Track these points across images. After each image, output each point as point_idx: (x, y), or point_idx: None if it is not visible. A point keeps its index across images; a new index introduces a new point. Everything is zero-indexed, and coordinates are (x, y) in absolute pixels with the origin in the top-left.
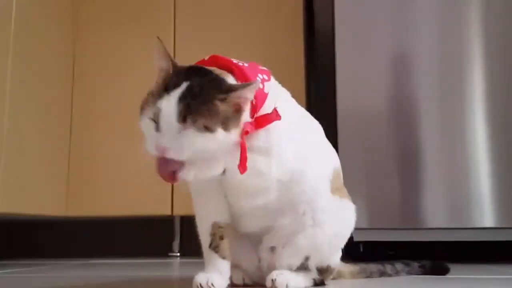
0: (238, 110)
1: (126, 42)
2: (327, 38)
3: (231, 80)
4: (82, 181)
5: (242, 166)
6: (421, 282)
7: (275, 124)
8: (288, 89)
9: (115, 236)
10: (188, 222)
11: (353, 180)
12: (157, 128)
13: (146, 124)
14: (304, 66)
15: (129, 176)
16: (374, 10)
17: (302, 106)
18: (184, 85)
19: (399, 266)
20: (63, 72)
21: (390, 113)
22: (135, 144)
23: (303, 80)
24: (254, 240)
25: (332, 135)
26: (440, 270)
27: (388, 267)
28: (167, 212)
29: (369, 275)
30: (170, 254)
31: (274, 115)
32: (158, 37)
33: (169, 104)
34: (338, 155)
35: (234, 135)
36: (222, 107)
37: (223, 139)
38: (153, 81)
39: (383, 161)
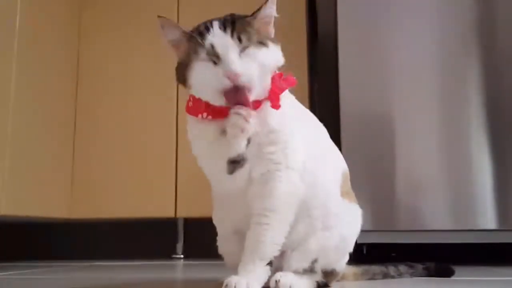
0: (268, 29)
1: (130, 44)
2: (330, 41)
3: None
4: (86, 184)
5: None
6: (425, 284)
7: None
8: (291, 91)
9: (119, 238)
10: (192, 224)
11: (356, 182)
12: (218, 61)
13: (202, 67)
14: (307, 69)
15: (132, 179)
16: (377, 13)
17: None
18: (216, 22)
19: (402, 268)
20: (67, 75)
21: (393, 115)
22: (139, 146)
23: (306, 83)
24: None
25: (335, 137)
26: (445, 272)
27: (392, 269)
28: (171, 214)
29: (372, 277)
30: (173, 256)
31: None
32: (159, 15)
33: (218, 34)
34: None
35: (280, 50)
36: (257, 25)
37: (275, 52)
38: (156, 83)
39: (386, 163)
